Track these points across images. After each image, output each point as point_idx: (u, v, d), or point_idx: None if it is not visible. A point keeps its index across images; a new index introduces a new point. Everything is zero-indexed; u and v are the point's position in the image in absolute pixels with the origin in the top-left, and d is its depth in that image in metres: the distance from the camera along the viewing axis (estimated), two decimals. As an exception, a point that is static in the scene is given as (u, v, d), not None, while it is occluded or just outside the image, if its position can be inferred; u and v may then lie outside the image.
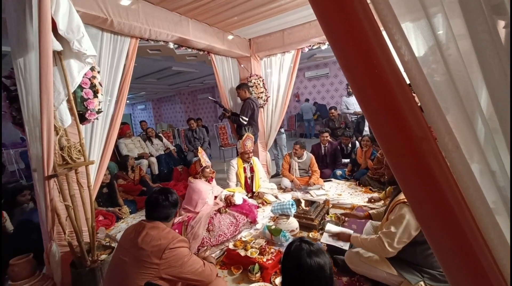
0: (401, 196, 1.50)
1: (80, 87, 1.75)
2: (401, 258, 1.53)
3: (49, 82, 1.44)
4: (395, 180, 1.53)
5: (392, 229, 1.47)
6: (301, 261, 0.91)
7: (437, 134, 0.37)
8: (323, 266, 0.89)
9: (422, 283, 1.45)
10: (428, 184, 0.38)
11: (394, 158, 0.41)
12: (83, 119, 1.82)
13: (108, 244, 2.38)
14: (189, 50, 3.21)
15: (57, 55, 1.57)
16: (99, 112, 1.88)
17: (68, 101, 1.70)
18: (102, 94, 1.93)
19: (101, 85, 1.91)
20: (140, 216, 3.15)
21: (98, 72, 1.91)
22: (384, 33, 0.42)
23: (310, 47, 3.61)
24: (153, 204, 1.35)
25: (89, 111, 1.80)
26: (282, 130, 4.54)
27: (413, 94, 0.39)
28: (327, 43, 3.46)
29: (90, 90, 1.80)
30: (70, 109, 1.72)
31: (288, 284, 0.95)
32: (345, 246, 1.85)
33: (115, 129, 2.18)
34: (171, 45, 2.93)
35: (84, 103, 1.78)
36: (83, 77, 1.74)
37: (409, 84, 0.39)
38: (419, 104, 0.38)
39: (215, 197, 2.73)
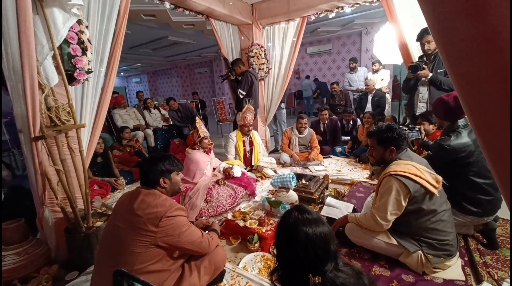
0: (388, 169, 1.47)
1: (67, 41, 1.59)
2: (399, 229, 1.53)
3: (29, 31, 1.28)
4: (385, 159, 1.44)
5: (382, 202, 1.46)
6: (294, 232, 0.77)
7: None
8: (320, 236, 0.75)
9: (420, 252, 1.45)
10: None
11: (471, 85, 0.30)
12: (71, 79, 1.68)
13: (104, 212, 2.34)
14: (187, 12, 2.96)
15: (38, 1, 1.39)
16: (89, 72, 1.73)
17: (54, 57, 1.54)
18: (91, 53, 1.77)
19: (90, 42, 1.74)
20: (138, 186, 3.10)
21: (87, 27, 1.73)
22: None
23: (317, 15, 3.37)
24: (146, 170, 1.27)
25: (77, 70, 1.66)
26: (283, 105, 4.41)
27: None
28: (336, 11, 3.23)
29: (78, 46, 1.63)
30: (57, 67, 1.58)
31: (283, 256, 0.82)
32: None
33: (108, 93, 2.03)
34: (167, 5, 2.69)
35: (72, 60, 1.63)
36: (69, 30, 1.57)
37: None
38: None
39: (214, 169, 2.67)
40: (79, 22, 1.63)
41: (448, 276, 1.42)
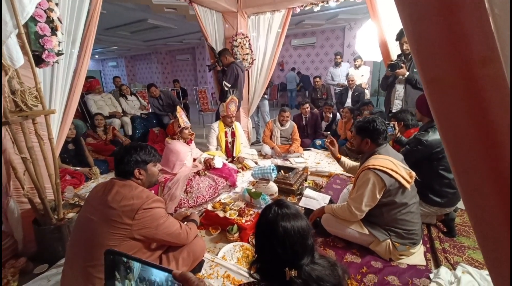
0: (367, 163, 1.56)
1: (34, 20, 1.46)
2: (371, 220, 1.63)
3: (-11, 5, 1.15)
4: (361, 149, 1.55)
5: (359, 193, 1.55)
6: (272, 226, 0.78)
7: (504, 55, 0.30)
8: (297, 230, 0.77)
9: (389, 240, 1.56)
10: (480, 126, 0.31)
11: (439, 89, 0.33)
12: (39, 61, 1.56)
13: (77, 203, 2.24)
14: (168, -5, 2.81)
15: (-2, -29, 1.25)
16: (59, 54, 1.61)
17: (19, 36, 1.41)
18: (62, 33, 1.64)
19: (60, 21, 1.61)
20: (112, 176, 2.99)
21: (57, 4, 1.59)
22: None
23: (302, 7, 3.36)
24: (120, 159, 1.22)
25: (46, 52, 1.53)
26: (266, 96, 4.40)
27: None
28: (321, 4, 3.24)
29: (47, 25, 1.51)
30: (22, 47, 1.45)
31: (261, 249, 0.83)
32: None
33: (81, 76, 1.91)
34: (147, -14, 2.53)
35: (40, 40, 1.50)
36: (37, 7, 1.44)
37: None
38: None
39: (194, 159, 2.63)
40: (48, -2, 1.50)
41: (412, 262, 1.55)
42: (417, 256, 1.59)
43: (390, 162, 1.51)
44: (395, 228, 1.56)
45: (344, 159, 2.08)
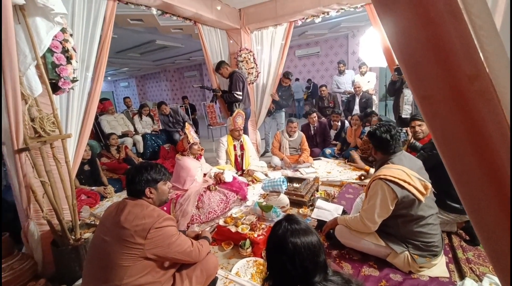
0: (378, 172, 1.51)
1: (50, 51, 1.56)
2: (387, 231, 1.57)
3: (10, 40, 1.25)
4: (374, 156, 1.49)
5: (370, 204, 1.50)
6: (282, 243, 0.77)
7: (491, 71, 0.30)
8: (308, 246, 0.75)
9: (407, 252, 1.50)
10: (474, 138, 0.31)
11: (431, 106, 0.34)
12: (56, 88, 1.65)
13: (93, 222, 2.30)
14: (174, 18, 2.96)
15: (20, 10, 1.36)
16: (74, 81, 1.71)
17: (37, 67, 1.52)
18: (76, 61, 1.74)
19: (75, 50, 1.72)
20: (124, 198, 3.05)
21: (71, 35, 1.71)
22: None
23: (303, 20, 3.44)
24: (131, 179, 1.25)
25: (62, 79, 1.63)
26: (284, 109, 4.47)
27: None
28: (321, 15, 3.31)
29: (62, 55, 1.61)
30: (40, 77, 1.55)
31: (272, 266, 0.82)
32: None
33: (95, 99, 2.01)
34: (154, 11, 2.67)
35: (56, 69, 1.60)
36: (53, 39, 1.54)
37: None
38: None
39: (204, 174, 2.66)
40: (63, 30, 1.61)
41: (433, 274, 1.48)
42: (439, 267, 1.51)
43: (404, 172, 1.45)
44: (412, 240, 1.49)
45: (372, 170, 2.04)
